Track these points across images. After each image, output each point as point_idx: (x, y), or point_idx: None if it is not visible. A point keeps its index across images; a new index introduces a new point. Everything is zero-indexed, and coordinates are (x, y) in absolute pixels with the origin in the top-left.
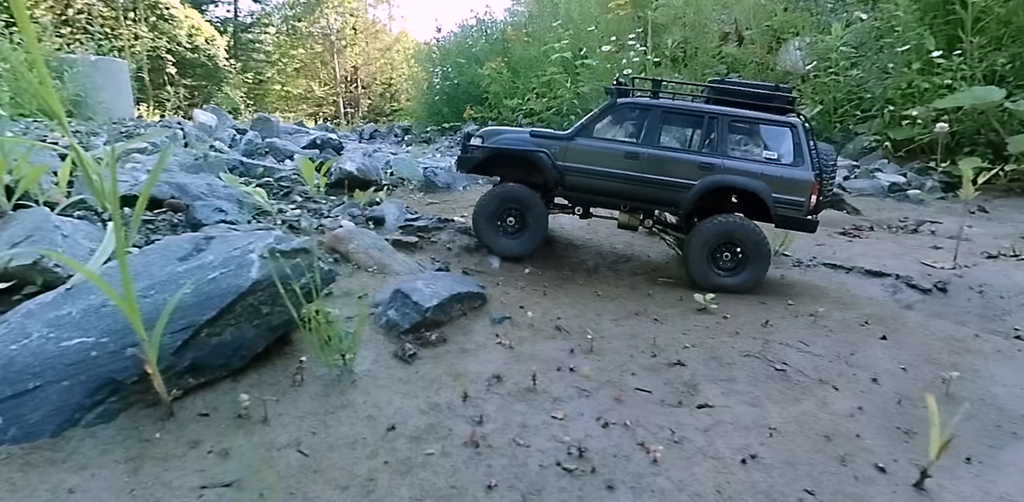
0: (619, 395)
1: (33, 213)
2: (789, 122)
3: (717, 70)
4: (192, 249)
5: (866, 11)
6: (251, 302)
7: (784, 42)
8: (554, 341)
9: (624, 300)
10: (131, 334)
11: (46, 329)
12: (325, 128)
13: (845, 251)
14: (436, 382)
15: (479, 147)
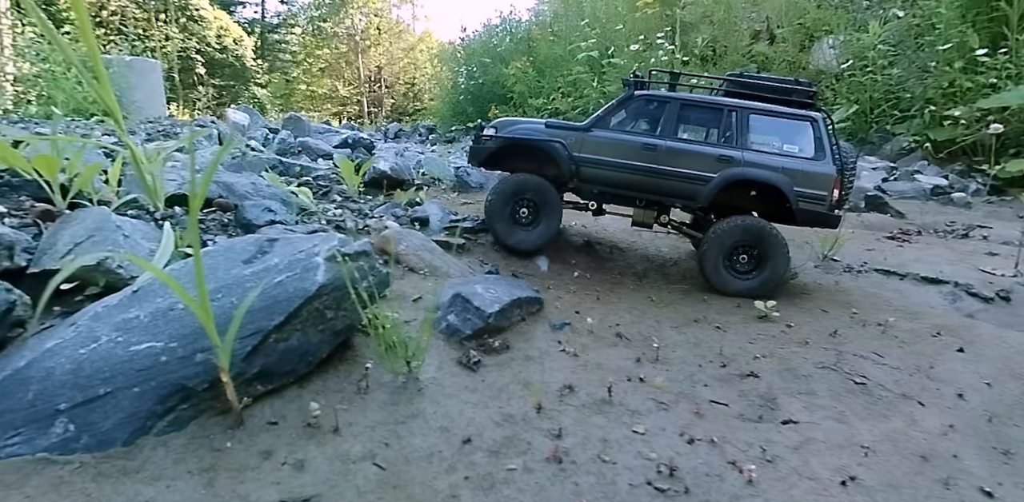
0: (697, 408)
1: (93, 213)
2: (810, 116)
3: (747, 69)
4: (256, 251)
5: (903, 8)
6: (316, 306)
7: (817, 40)
8: (617, 349)
9: (679, 306)
10: (200, 339)
11: (115, 333)
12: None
13: (896, 257)
14: (505, 391)
15: (493, 137)
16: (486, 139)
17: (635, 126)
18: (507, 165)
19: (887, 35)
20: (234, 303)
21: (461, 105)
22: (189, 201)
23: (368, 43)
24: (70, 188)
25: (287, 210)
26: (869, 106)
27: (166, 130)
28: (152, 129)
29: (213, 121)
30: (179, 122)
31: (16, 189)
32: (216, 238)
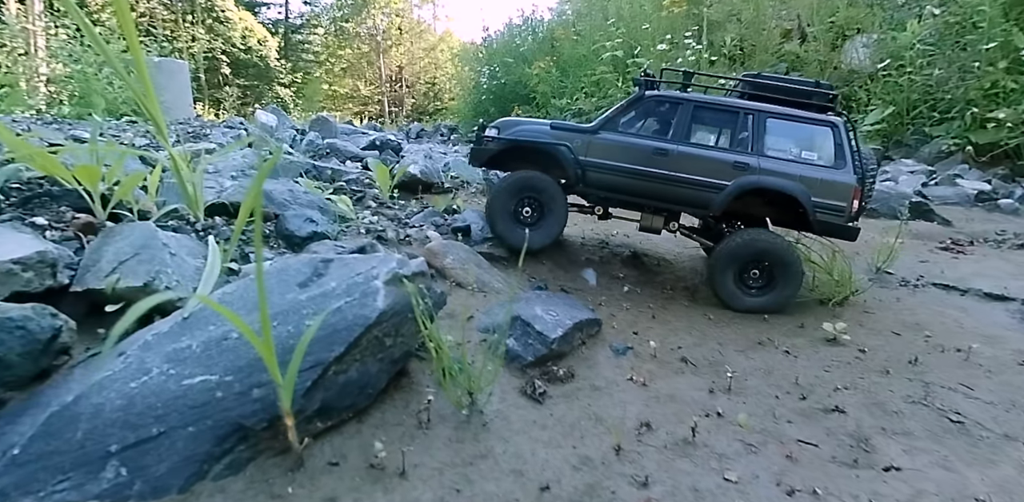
0: (788, 451)
1: (138, 228)
2: (830, 121)
3: (777, 68)
4: (311, 274)
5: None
6: (376, 334)
7: (849, 39)
8: (685, 377)
9: (739, 325)
10: (257, 372)
11: (166, 365)
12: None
13: (953, 269)
14: (577, 428)
15: (495, 139)
16: (488, 140)
17: (645, 129)
18: (510, 166)
19: (925, 34)
20: (291, 332)
21: (483, 105)
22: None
23: (389, 43)
24: (110, 198)
25: (327, 220)
26: (905, 107)
27: (195, 132)
28: (182, 130)
29: (241, 122)
30: (208, 123)
31: (56, 199)
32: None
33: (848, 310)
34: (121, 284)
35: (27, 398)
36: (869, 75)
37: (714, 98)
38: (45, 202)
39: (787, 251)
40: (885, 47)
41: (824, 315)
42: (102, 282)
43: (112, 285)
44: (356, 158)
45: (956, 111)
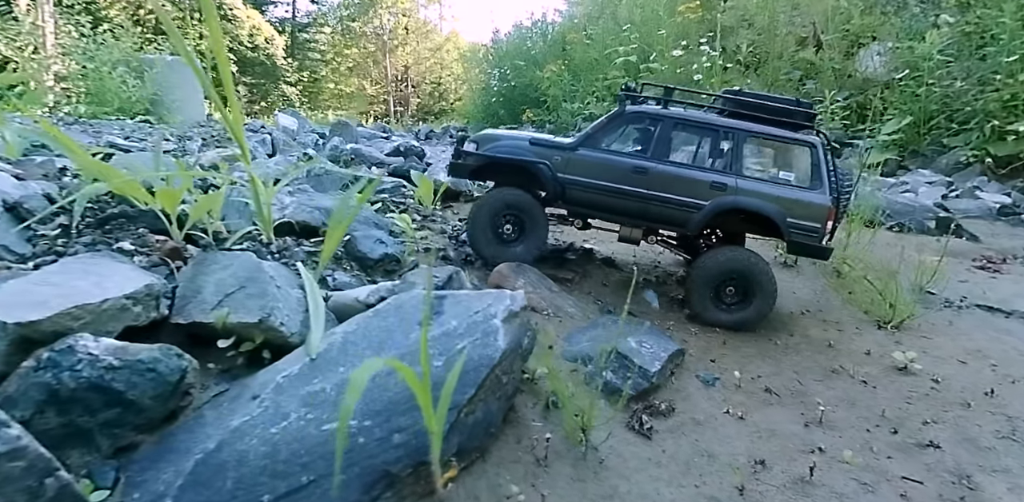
0: (900, 490)
1: (238, 259)
2: (809, 141)
3: (791, 76)
4: (433, 311)
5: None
6: (496, 373)
7: (863, 47)
8: (775, 409)
9: (808, 352)
10: (395, 416)
11: (303, 409)
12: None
13: (993, 289)
14: (693, 466)
15: (473, 154)
16: (466, 155)
17: (625, 145)
18: (490, 178)
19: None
20: (420, 373)
21: (493, 107)
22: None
23: (396, 43)
24: (184, 219)
25: (395, 240)
26: (923, 117)
27: (219, 135)
28: (205, 134)
29: (263, 126)
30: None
31: (132, 220)
32: (335, 274)
33: (906, 334)
34: (233, 319)
35: (159, 441)
36: (884, 84)
37: (694, 115)
38: (122, 223)
39: (762, 270)
40: (900, 56)
41: (884, 340)
42: (209, 315)
43: (222, 319)
44: (381, 164)
45: (975, 122)
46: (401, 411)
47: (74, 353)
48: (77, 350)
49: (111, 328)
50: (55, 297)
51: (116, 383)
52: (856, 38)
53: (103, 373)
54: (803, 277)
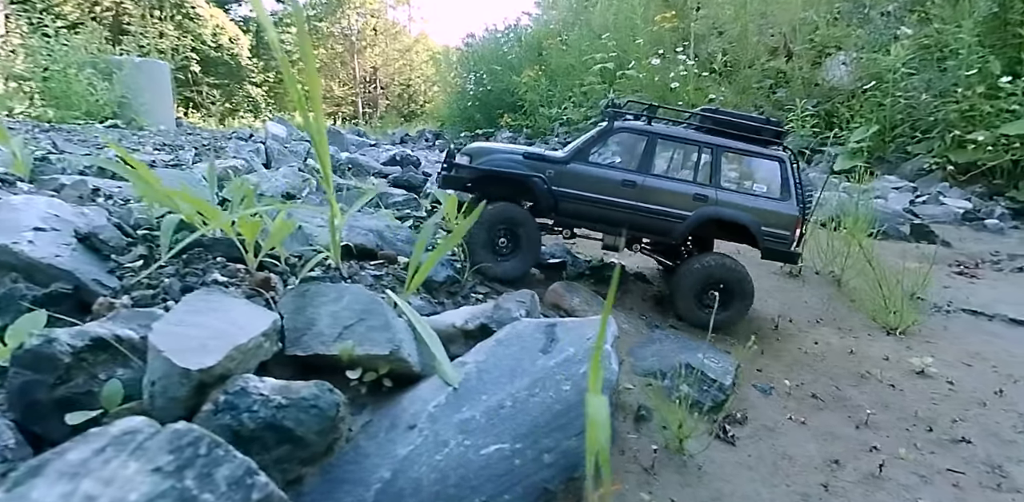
0: (953, 480)
1: (350, 290)
2: (778, 156)
3: (763, 84)
4: (545, 339)
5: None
6: (610, 392)
7: (829, 57)
8: (826, 413)
9: (834, 359)
10: (540, 438)
11: (460, 436)
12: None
13: (974, 294)
14: (777, 467)
15: (466, 167)
16: (459, 168)
17: (614, 159)
18: (483, 190)
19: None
20: (554, 398)
21: (469, 111)
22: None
23: (364, 44)
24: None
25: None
26: (888, 126)
27: (210, 143)
28: (194, 142)
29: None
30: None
31: (208, 248)
32: (415, 299)
33: (913, 340)
34: (359, 351)
35: (322, 473)
36: (850, 92)
37: (677, 131)
38: (199, 253)
39: (743, 276)
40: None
41: (896, 345)
42: (332, 347)
43: (348, 351)
44: (380, 174)
45: (936, 132)
46: (544, 433)
47: (248, 394)
48: (250, 391)
49: (251, 366)
50: (209, 339)
51: (287, 421)
52: (822, 48)
53: (275, 412)
54: (809, 286)
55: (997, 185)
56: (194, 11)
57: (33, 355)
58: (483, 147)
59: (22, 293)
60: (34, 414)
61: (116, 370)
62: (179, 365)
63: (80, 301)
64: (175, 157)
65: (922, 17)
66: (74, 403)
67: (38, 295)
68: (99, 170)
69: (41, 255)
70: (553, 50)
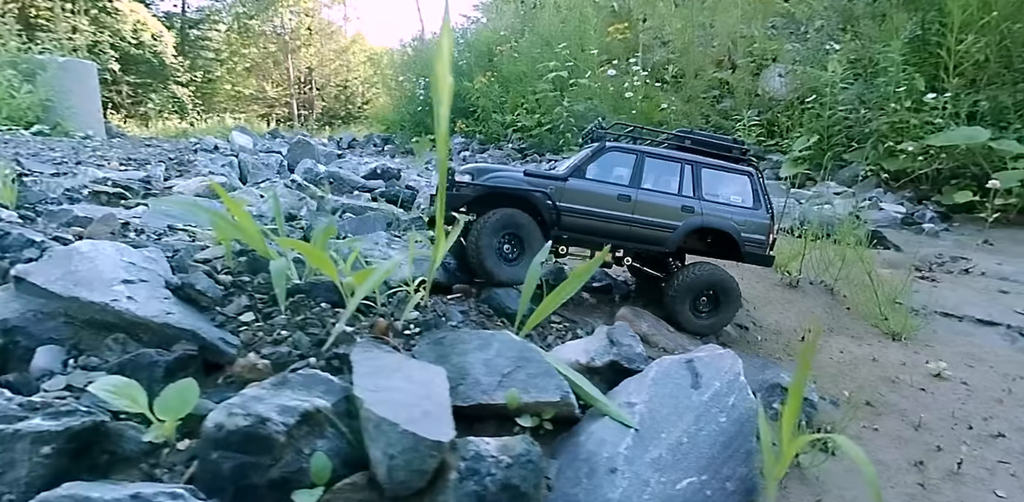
0: (1011, 471)
1: (496, 338)
2: (748, 171)
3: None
4: (690, 375)
5: (841, 42)
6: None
7: (765, 69)
8: (884, 418)
9: (863, 366)
10: (721, 467)
11: (656, 474)
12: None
13: (941, 297)
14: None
15: (469, 184)
16: (461, 186)
17: (608, 176)
18: (486, 208)
19: (844, 73)
20: (716, 430)
21: (419, 116)
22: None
23: (298, 43)
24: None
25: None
26: (826, 135)
27: (177, 157)
28: (159, 154)
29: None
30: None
31: (308, 294)
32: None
33: (916, 344)
34: (527, 398)
35: None
36: (788, 103)
37: (663, 150)
38: (302, 299)
39: (732, 284)
40: (799, 78)
41: (905, 351)
42: (494, 396)
43: (516, 399)
44: (364, 188)
45: (870, 142)
46: (720, 463)
47: (483, 459)
48: (483, 455)
49: None
50: (421, 405)
51: (514, 479)
52: (760, 61)
53: (505, 472)
54: (807, 296)
55: (924, 191)
56: (112, 5)
57: (245, 436)
58: (482, 166)
59: (153, 359)
60: (248, 498)
61: (316, 442)
62: (428, 438)
63: (204, 362)
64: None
65: (854, 35)
66: (288, 482)
67: (170, 360)
68: (92, 195)
69: (151, 313)
70: (504, 57)
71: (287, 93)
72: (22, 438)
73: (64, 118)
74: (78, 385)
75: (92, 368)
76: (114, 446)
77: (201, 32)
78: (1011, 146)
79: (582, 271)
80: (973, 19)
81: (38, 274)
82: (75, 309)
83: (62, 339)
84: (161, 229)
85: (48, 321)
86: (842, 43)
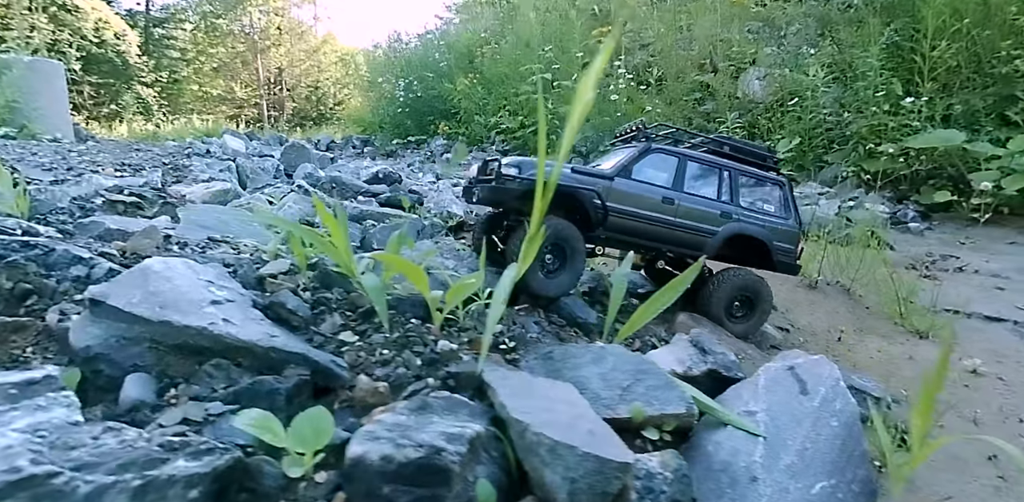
0: None
1: (607, 351)
2: (780, 180)
3: (692, 97)
4: (796, 381)
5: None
6: None
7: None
8: (947, 416)
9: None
10: (844, 471)
11: (792, 481)
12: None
13: (945, 294)
14: (958, 466)
15: (516, 178)
16: (508, 179)
17: (652, 178)
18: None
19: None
20: (832, 435)
21: (398, 118)
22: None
23: (268, 43)
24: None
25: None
26: (807, 137)
27: (172, 162)
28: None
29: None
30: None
31: (396, 309)
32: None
33: (942, 342)
34: (651, 411)
35: None
36: (767, 106)
37: (703, 154)
38: (394, 316)
39: (764, 286)
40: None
41: (935, 348)
42: (617, 410)
43: (641, 413)
44: (367, 193)
45: (851, 143)
46: (843, 466)
47: (654, 477)
48: (653, 473)
49: None
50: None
51: (678, 495)
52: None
53: (671, 488)
54: (829, 298)
55: (903, 191)
56: (72, 2)
57: (420, 468)
58: (528, 160)
59: (273, 387)
60: None
61: (476, 469)
62: (614, 460)
63: (314, 386)
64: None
65: (832, 40)
66: None
67: (289, 387)
68: (108, 204)
69: (255, 337)
70: (486, 59)
71: (256, 94)
72: (175, 483)
73: (31, 120)
74: (194, 418)
75: (203, 398)
76: (253, 483)
77: (166, 31)
78: (985, 148)
79: (678, 283)
80: (946, 26)
81: (117, 296)
82: (163, 334)
83: (147, 366)
84: (202, 241)
85: (131, 347)
86: (819, 48)
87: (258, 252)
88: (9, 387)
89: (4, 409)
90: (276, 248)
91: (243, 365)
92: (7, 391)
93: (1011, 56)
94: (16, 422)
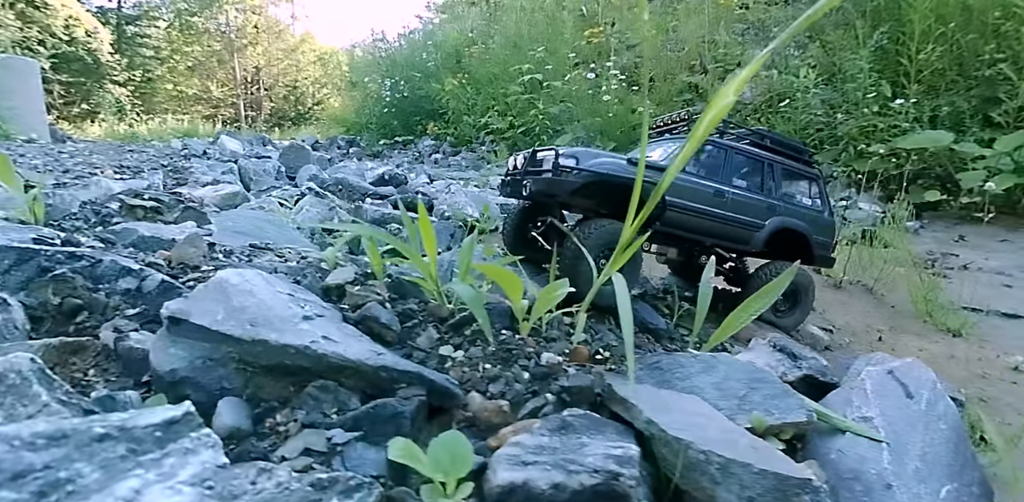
0: None
1: (721, 359)
2: (816, 174)
3: (682, 97)
4: (898, 385)
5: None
6: None
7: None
8: (1001, 413)
9: (947, 364)
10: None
11: (921, 485)
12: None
13: (956, 292)
14: None
15: (575, 169)
16: (567, 170)
17: (703, 171)
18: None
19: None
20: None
21: (385, 118)
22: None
23: (245, 42)
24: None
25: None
26: (797, 137)
27: (171, 163)
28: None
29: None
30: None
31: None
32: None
33: (976, 339)
34: (773, 420)
35: None
36: (755, 107)
37: (747, 147)
38: (463, 323)
39: (809, 281)
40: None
41: (972, 346)
42: (736, 420)
43: (762, 422)
44: (375, 195)
45: (841, 144)
46: (960, 469)
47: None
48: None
49: None
50: (730, 435)
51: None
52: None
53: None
54: (855, 297)
55: (892, 190)
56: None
57: (597, 495)
58: (587, 150)
59: (397, 410)
60: None
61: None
62: (794, 476)
63: (429, 407)
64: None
65: (820, 43)
66: None
67: (412, 410)
68: (127, 209)
69: (362, 355)
70: (474, 59)
71: (233, 93)
72: None
73: (5, 120)
74: (317, 448)
75: (318, 425)
76: None
77: (139, 29)
78: (972, 148)
79: (772, 288)
80: (931, 30)
81: (199, 314)
82: (256, 354)
83: (234, 389)
84: (244, 248)
85: (217, 369)
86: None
87: (305, 259)
88: (154, 430)
89: (157, 457)
90: (335, 255)
91: (346, 386)
92: (153, 435)
93: (994, 59)
94: (180, 473)
